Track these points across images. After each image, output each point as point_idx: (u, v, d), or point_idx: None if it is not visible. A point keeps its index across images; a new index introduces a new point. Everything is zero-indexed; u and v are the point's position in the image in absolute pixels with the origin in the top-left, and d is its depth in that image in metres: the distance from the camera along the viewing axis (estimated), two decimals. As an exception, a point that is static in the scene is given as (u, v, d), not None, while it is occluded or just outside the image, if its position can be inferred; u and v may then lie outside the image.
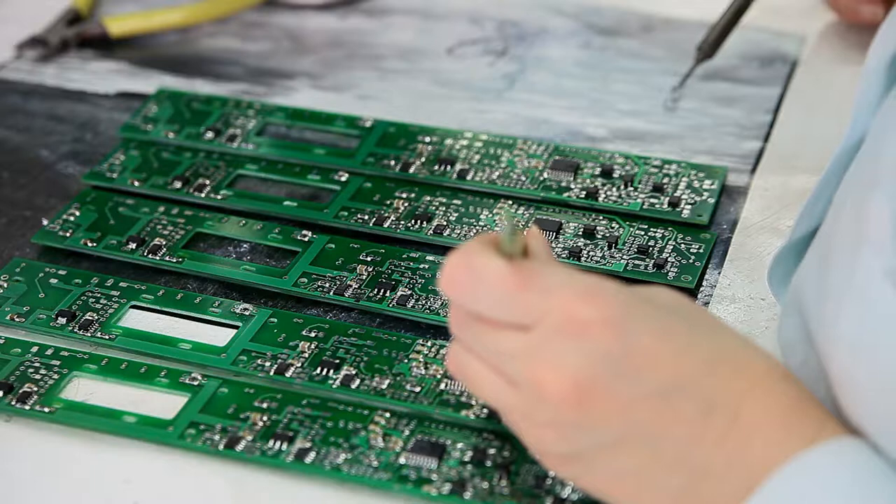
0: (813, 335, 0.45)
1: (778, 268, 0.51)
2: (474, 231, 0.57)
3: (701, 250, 0.56)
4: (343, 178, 0.61)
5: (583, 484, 0.44)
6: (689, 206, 0.58)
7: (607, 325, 0.42)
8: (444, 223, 0.58)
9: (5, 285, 0.55)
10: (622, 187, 0.59)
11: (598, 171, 0.60)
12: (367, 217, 0.58)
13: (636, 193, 0.59)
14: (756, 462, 0.42)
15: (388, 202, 0.59)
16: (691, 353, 0.42)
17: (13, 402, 0.50)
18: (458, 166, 0.61)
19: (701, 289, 0.55)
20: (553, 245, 0.57)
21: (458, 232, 0.57)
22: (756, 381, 0.42)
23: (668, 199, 0.59)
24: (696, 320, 0.44)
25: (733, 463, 0.42)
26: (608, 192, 0.59)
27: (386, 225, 0.58)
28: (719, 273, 0.56)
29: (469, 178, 0.60)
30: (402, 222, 0.58)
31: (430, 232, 0.57)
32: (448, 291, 0.44)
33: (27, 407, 0.50)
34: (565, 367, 0.42)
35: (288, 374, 0.51)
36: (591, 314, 0.42)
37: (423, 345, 0.52)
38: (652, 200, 0.59)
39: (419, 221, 0.58)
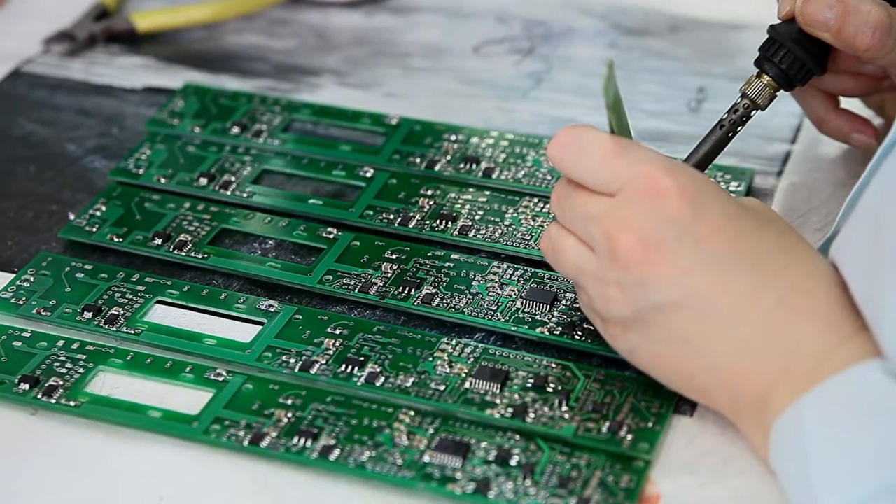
0: (859, 302, 0.45)
1: None
2: (500, 230, 0.57)
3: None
4: (368, 174, 0.61)
5: (638, 355, 0.48)
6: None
7: (682, 195, 0.46)
8: (469, 223, 0.58)
9: (32, 279, 0.55)
10: (648, 188, 0.59)
11: (623, 171, 0.60)
12: (392, 216, 0.58)
13: (662, 194, 0.59)
14: (791, 347, 0.45)
15: (414, 200, 0.59)
16: (754, 237, 0.47)
17: (39, 396, 0.50)
18: (483, 165, 0.61)
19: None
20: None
21: (483, 232, 0.57)
22: (809, 276, 0.46)
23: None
24: (769, 219, 0.48)
25: (770, 344, 0.46)
26: (634, 193, 0.59)
27: (411, 225, 0.58)
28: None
29: (494, 176, 0.60)
30: (427, 222, 0.58)
31: (455, 233, 0.57)
32: (555, 153, 0.49)
33: (53, 401, 0.50)
34: (636, 227, 0.47)
35: (313, 371, 0.51)
36: (669, 183, 0.47)
37: (447, 343, 0.52)
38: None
39: (444, 221, 0.58)
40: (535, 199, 0.59)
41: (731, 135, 0.55)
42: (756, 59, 0.55)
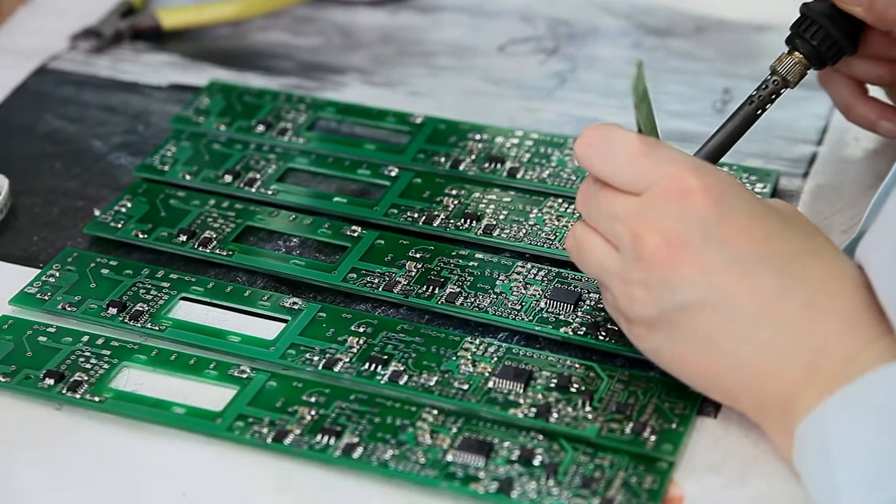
0: (885, 304, 0.45)
1: None
2: (524, 230, 0.57)
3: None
4: (393, 174, 0.61)
5: (662, 356, 0.48)
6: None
7: (708, 195, 0.47)
8: (493, 222, 0.58)
9: (57, 275, 0.56)
10: (673, 189, 0.59)
11: (648, 171, 0.60)
12: (416, 215, 0.58)
13: (687, 195, 0.59)
14: (818, 348, 0.45)
15: (438, 199, 0.59)
16: (780, 238, 0.47)
17: (64, 391, 0.51)
18: (508, 164, 0.61)
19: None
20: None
21: (508, 232, 0.57)
22: (835, 278, 0.46)
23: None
24: (795, 220, 0.48)
25: (795, 344, 0.45)
26: (658, 194, 0.59)
27: (435, 224, 0.58)
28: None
29: (519, 176, 0.60)
30: (452, 221, 0.58)
31: (480, 232, 0.57)
32: (582, 152, 0.49)
33: (77, 396, 0.50)
34: (662, 227, 0.47)
35: (336, 369, 0.51)
36: (696, 183, 0.47)
37: (471, 343, 0.52)
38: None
39: (468, 221, 0.58)
40: (560, 200, 0.59)
41: (759, 112, 0.55)
42: (787, 37, 0.55)
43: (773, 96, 0.55)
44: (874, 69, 0.57)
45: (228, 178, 0.61)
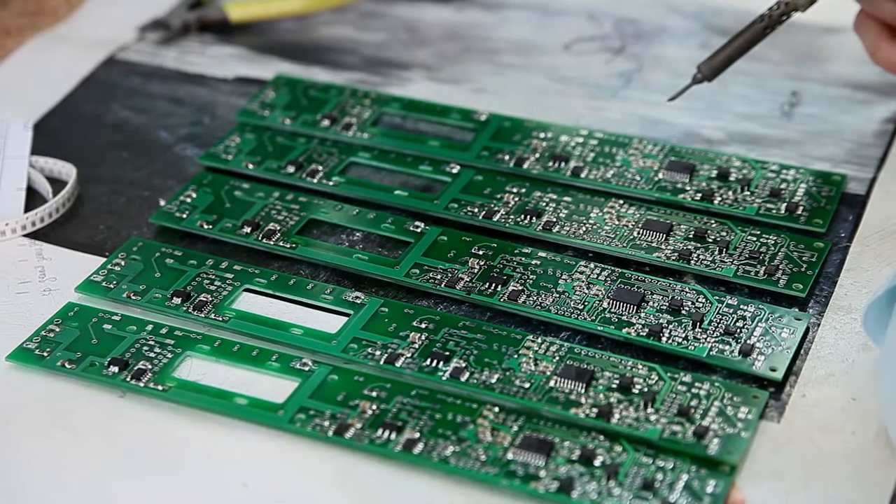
0: None
1: (872, 313, 0.49)
2: (584, 228, 0.57)
3: (814, 259, 0.56)
4: (455, 171, 0.61)
5: None
6: (806, 213, 0.58)
7: None
8: (554, 219, 0.58)
9: (123, 263, 0.56)
10: (738, 191, 0.59)
11: (714, 173, 0.60)
12: (476, 210, 0.58)
13: (752, 198, 0.58)
14: None
15: (499, 196, 0.59)
16: None
17: (128, 379, 0.51)
18: (572, 163, 0.61)
19: (814, 297, 0.54)
20: (662, 246, 0.56)
21: (568, 229, 0.57)
22: None
23: (785, 204, 0.58)
24: None
25: None
26: (724, 196, 0.59)
27: (495, 219, 0.58)
28: (835, 283, 0.55)
29: (583, 175, 0.60)
30: (512, 216, 0.58)
31: (540, 228, 0.57)
32: None
33: (141, 384, 0.51)
34: None
35: (398, 364, 0.51)
36: None
37: (532, 341, 0.52)
38: (768, 206, 0.58)
39: (529, 217, 0.58)
40: (622, 201, 0.59)
41: (767, 30, 0.58)
42: None
43: (784, 17, 0.57)
44: None
45: (291, 169, 0.61)
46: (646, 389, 0.50)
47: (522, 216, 0.58)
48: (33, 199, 0.61)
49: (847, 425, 0.49)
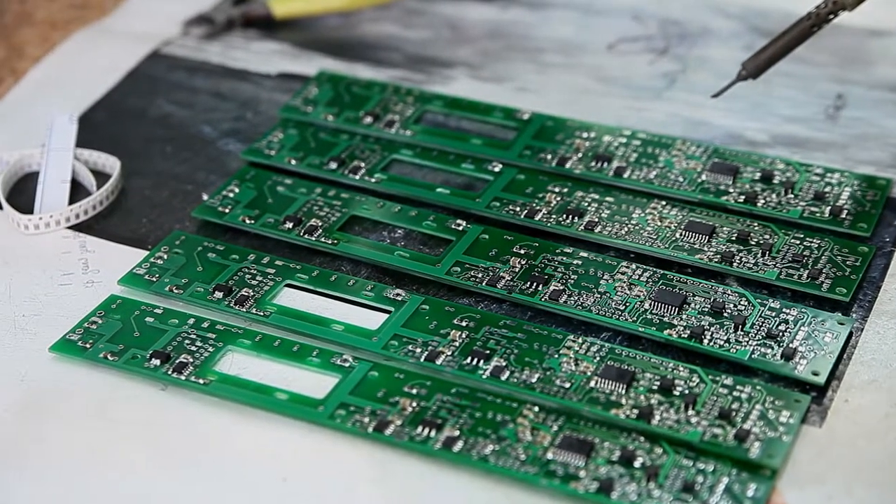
0: None
1: None
2: (626, 229, 0.57)
3: (858, 263, 0.55)
4: (497, 169, 0.61)
5: None
6: (850, 217, 0.57)
7: None
8: (596, 219, 0.58)
9: (165, 257, 0.56)
10: (782, 194, 0.58)
11: (757, 175, 0.59)
12: (518, 209, 0.58)
13: (796, 201, 0.58)
14: None
15: (541, 195, 0.59)
16: None
17: (169, 372, 0.51)
18: (614, 164, 0.60)
19: (857, 302, 0.54)
20: (704, 249, 0.56)
21: (609, 229, 0.57)
22: None
23: (829, 208, 0.58)
24: None
25: None
26: (767, 198, 0.58)
27: (537, 218, 0.58)
28: (879, 287, 0.55)
29: (626, 176, 0.60)
30: (554, 216, 0.58)
31: (582, 228, 0.57)
32: None
33: (182, 377, 0.51)
34: None
35: (438, 362, 0.51)
36: None
37: (573, 341, 0.52)
38: (812, 209, 0.58)
39: (571, 217, 0.58)
40: (664, 202, 0.58)
41: (814, 28, 0.57)
42: None
43: (831, 16, 0.56)
44: None
45: (333, 165, 0.61)
46: (687, 391, 0.50)
47: (564, 216, 0.58)
48: (77, 191, 0.61)
49: (890, 431, 0.49)
